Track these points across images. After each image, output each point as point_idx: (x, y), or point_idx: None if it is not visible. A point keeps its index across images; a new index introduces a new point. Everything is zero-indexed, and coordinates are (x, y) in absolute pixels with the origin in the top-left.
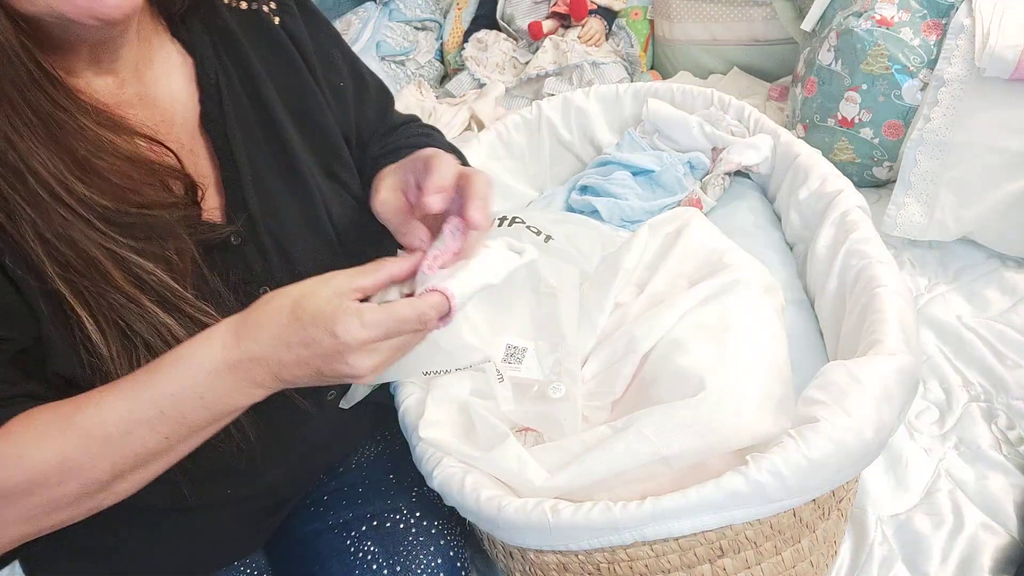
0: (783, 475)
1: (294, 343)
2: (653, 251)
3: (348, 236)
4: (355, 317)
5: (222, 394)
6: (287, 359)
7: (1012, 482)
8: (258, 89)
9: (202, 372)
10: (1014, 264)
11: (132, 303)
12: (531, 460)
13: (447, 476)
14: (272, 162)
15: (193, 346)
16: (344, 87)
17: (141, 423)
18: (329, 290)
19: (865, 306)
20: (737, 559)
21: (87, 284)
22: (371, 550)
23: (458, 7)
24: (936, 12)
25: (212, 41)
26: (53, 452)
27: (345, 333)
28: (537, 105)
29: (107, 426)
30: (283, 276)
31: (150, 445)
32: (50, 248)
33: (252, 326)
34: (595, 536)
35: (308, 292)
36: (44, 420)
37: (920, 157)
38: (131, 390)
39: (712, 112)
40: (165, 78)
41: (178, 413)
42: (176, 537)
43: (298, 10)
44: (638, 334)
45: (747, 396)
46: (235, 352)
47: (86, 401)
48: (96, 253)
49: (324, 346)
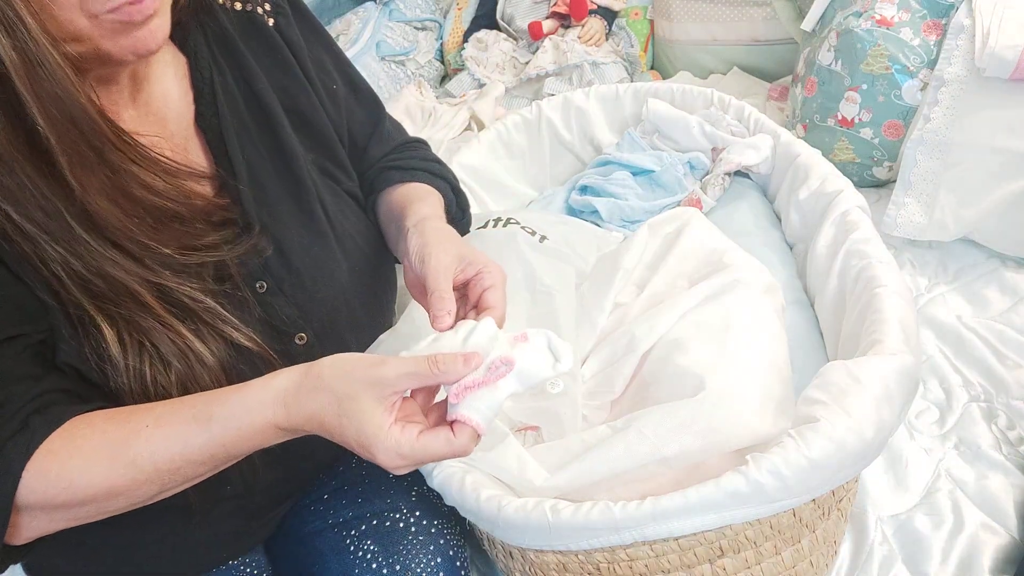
0: (783, 475)
1: (336, 436)
2: (653, 251)
3: (343, 231)
4: (395, 450)
5: (268, 439)
6: (333, 442)
7: (1012, 482)
8: (254, 88)
9: (250, 429)
10: (1014, 264)
11: (167, 328)
12: (531, 460)
13: (447, 475)
14: (267, 159)
15: (247, 408)
16: (336, 89)
17: (190, 462)
18: (372, 400)
19: (865, 306)
20: (737, 559)
21: (119, 311)
22: (371, 549)
23: (458, 7)
24: (936, 12)
25: (207, 41)
26: (101, 480)
27: (383, 459)
28: (537, 105)
29: (157, 463)
30: (279, 271)
31: (198, 472)
32: (79, 280)
33: (302, 414)
34: (595, 536)
35: (351, 395)
36: (91, 448)
37: (920, 157)
38: (184, 434)
39: (712, 112)
40: (160, 77)
41: (226, 455)
42: (175, 535)
43: (292, 12)
44: (638, 334)
45: (747, 396)
46: (284, 423)
47: (134, 432)
48: (136, 287)
49: (363, 454)
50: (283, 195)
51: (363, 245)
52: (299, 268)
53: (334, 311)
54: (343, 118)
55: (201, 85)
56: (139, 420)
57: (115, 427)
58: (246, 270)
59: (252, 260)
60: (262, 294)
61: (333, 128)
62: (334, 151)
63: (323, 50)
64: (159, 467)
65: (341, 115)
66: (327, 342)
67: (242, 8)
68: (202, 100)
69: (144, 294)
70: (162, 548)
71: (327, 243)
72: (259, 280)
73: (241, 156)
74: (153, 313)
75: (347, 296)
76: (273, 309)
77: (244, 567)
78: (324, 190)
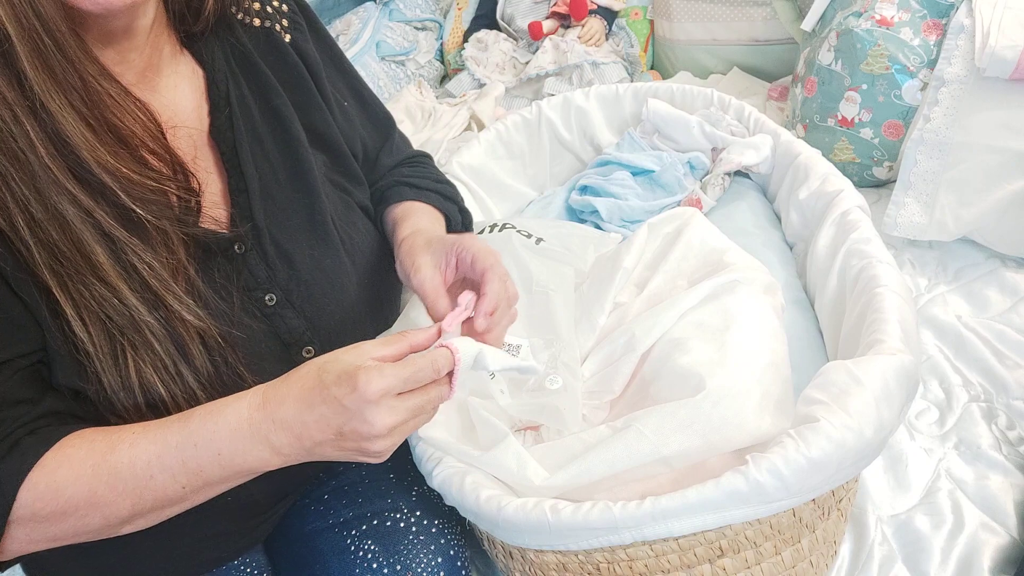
0: (783, 475)
1: (317, 402)
2: (653, 251)
3: (354, 244)
4: (374, 369)
5: (237, 453)
6: (309, 420)
7: (1012, 482)
8: (271, 103)
9: (225, 428)
10: (1014, 264)
11: (114, 296)
12: (530, 459)
13: (447, 476)
14: (281, 172)
15: (224, 402)
16: (348, 106)
17: (164, 469)
18: (352, 355)
19: (865, 306)
20: (737, 559)
21: (71, 272)
22: (371, 549)
23: (458, 7)
24: (936, 12)
25: (225, 55)
26: (84, 488)
27: (365, 384)
28: (537, 105)
29: (135, 467)
30: (288, 284)
31: (169, 492)
32: (39, 233)
33: (281, 390)
34: (595, 536)
35: (332, 358)
36: (80, 457)
37: (920, 157)
38: (163, 436)
39: (712, 112)
40: (173, 87)
41: (196, 465)
42: (173, 535)
43: (308, 29)
44: (638, 333)
45: (747, 396)
46: (260, 412)
47: (119, 439)
48: (85, 234)
49: (345, 403)
50: (295, 208)
51: (371, 257)
52: (308, 280)
53: (341, 323)
54: (356, 133)
55: (217, 98)
56: (128, 430)
57: (103, 436)
58: (253, 281)
59: (259, 271)
60: (272, 306)
61: (346, 142)
62: (347, 165)
63: (335, 67)
64: (136, 473)
65: (354, 130)
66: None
67: (261, 24)
68: (217, 113)
69: (97, 251)
70: (160, 548)
71: (338, 256)
72: (268, 293)
73: (254, 169)
74: (103, 275)
75: (356, 308)
76: (282, 321)
77: (244, 567)
78: (336, 203)
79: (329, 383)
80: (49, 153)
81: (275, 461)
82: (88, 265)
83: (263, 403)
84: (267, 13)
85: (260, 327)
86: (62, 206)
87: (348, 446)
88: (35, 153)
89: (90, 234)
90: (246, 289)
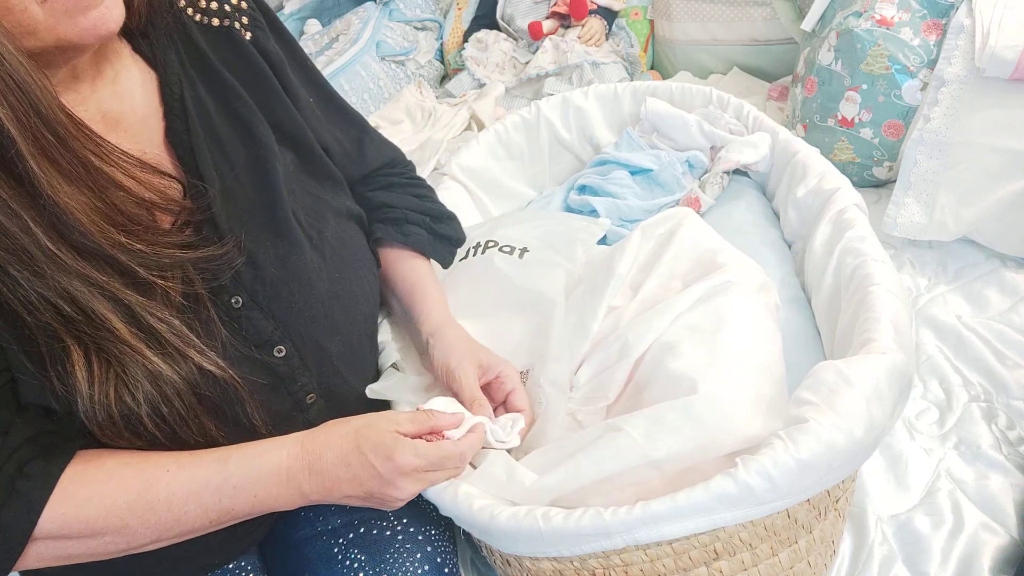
0: (772, 477)
1: (353, 464)
2: (646, 252)
3: (322, 238)
4: (411, 448)
5: (271, 496)
6: (344, 476)
7: (1012, 482)
8: (231, 104)
9: (264, 474)
10: (1014, 264)
11: (135, 352)
12: (518, 465)
13: (440, 487)
14: (242, 172)
15: (263, 448)
16: (313, 102)
17: (199, 506)
18: (386, 423)
19: (858, 304)
20: (733, 561)
21: (87, 333)
22: (358, 558)
23: (458, 7)
24: (936, 12)
25: (178, 57)
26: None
27: (402, 460)
28: (536, 105)
29: (172, 505)
30: (253, 284)
31: (196, 524)
32: (48, 305)
33: (319, 444)
34: (587, 542)
35: (367, 424)
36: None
37: (920, 157)
38: (203, 475)
39: (711, 110)
40: (127, 94)
41: (231, 504)
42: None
43: (268, 26)
44: (631, 338)
45: (738, 398)
46: (297, 463)
47: (155, 477)
48: (103, 311)
49: (380, 471)
50: (257, 207)
51: (344, 251)
52: (274, 280)
53: (312, 320)
54: (324, 127)
55: (171, 101)
56: (161, 465)
57: (134, 472)
58: (219, 286)
59: (224, 273)
60: (238, 309)
61: (316, 137)
62: (317, 160)
63: (298, 65)
64: (172, 509)
65: (322, 124)
66: (306, 352)
67: (220, 24)
68: (172, 115)
69: (112, 319)
70: (157, 553)
71: (302, 252)
72: (234, 295)
73: (213, 171)
74: (120, 338)
75: (326, 305)
76: (250, 324)
77: (239, 571)
78: (304, 199)
79: (367, 450)
80: (52, 239)
81: (299, 503)
82: (104, 329)
83: (301, 454)
84: (225, 12)
85: (220, 336)
86: (72, 286)
87: (372, 502)
88: (36, 242)
89: (104, 305)
90: (211, 292)
